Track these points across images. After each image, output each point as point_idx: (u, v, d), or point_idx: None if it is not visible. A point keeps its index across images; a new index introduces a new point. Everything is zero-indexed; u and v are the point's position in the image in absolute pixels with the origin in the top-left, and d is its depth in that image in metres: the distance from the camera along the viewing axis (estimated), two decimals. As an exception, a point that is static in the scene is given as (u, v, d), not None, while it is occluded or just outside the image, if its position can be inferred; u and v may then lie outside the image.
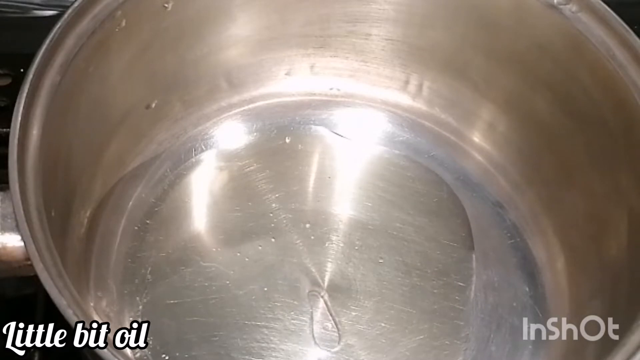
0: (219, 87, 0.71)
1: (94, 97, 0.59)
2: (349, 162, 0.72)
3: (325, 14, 0.69)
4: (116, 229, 0.65)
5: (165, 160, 0.69)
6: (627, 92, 0.58)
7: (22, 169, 0.50)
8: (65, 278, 0.48)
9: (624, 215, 0.59)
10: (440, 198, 0.70)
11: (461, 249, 0.67)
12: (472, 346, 0.62)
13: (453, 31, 0.67)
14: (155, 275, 0.64)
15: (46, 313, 0.57)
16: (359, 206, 0.69)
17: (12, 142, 0.50)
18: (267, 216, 0.67)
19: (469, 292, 0.65)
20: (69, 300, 0.45)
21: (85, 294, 0.59)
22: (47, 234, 0.49)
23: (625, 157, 0.60)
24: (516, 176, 0.70)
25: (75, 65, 0.55)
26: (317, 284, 0.64)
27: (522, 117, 0.68)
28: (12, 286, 0.61)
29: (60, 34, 0.55)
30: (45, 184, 0.51)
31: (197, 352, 0.60)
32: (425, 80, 0.72)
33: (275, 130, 0.73)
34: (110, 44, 0.59)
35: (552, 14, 0.62)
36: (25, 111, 0.51)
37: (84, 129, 0.59)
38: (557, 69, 0.63)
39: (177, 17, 0.63)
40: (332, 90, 0.74)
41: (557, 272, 0.66)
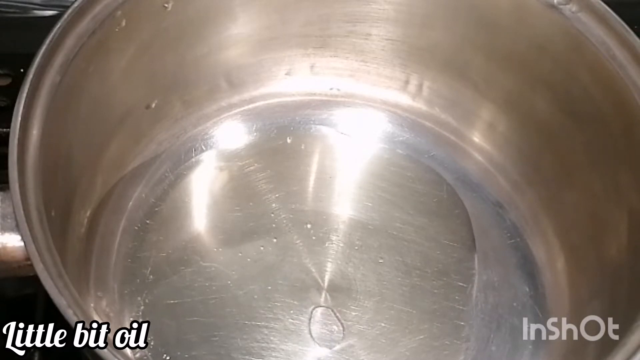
0: (219, 87, 0.71)
1: (94, 97, 0.59)
2: (349, 162, 0.72)
3: (325, 14, 0.69)
4: (116, 229, 0.65)
5: (165, 160, 0.69)
6: (627, 92, 0.58)
7: (22, 169, 0.50)
8: (65, 278, 0.48)
9: (624, 215, 0.59)
10: (440, 198, 0.70)
11: (461, 249, 0.67)
12: (472, 346, 0.62)
13: (453, 31, 0.67)
14: (156, 275, 0.64)
15: (46, 313, 0.57)
16: (359, 206, 0.69)
17: (12, 142, 0.50)
18: (267, 216, 0.67)
19: (469, 292, 0.65)
20: (69, 300, 0.45)
21: (85, 294, 0.59)
22: (47, 234, 0.49)
23: (625, 157, 0.60)
24: (516, 176, 0.70)
25: (75, 65, 0.55)
26: (317, 284, 0.64)
27: (522, 117, 0.68)
28: (12, 286, 0.61)
29: (60, 34, 0.55)
30: (45, 184, 0.51)
31: (198, 352, 0.60)
32: (425, 80, 0.72)
33: (275, 130, 0.73)
34: (110, 44, 0.59)
35: (552, 14, 0.62)
36: (25, 111, 0.51)
37: (84, 129, 0.59)
38: (557, 68, 0.63)
39: (177, 17, 0.63)
40: (332, 90, 0.74)
41: (557, 272, 0.66)
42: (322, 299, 0.64)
